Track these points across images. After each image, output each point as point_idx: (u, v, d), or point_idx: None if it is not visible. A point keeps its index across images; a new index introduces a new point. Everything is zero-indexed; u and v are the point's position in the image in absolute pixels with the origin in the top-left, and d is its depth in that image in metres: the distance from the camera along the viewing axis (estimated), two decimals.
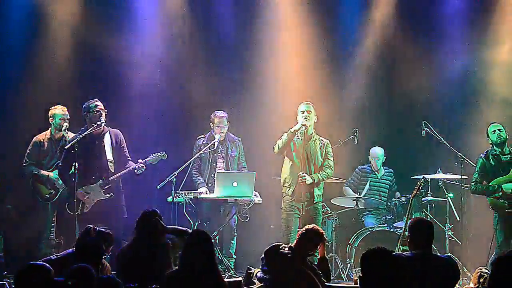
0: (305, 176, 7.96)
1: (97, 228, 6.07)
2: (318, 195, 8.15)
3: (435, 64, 9.62)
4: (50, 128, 8.35)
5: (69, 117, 8.31)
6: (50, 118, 8.32)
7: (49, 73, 9.06)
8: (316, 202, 8.11)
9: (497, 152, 8.05)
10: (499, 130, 8.04)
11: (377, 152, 9.36)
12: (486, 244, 8.07)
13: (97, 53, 9.26)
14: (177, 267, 5.26)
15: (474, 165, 8.24)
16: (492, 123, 8.15)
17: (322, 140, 8.24)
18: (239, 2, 9.75)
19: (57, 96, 8.75)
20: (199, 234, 5.31)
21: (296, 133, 8.07)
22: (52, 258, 6.06)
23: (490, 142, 8.11)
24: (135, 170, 8.01)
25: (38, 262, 4.89)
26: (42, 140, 8.35)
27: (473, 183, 8.12)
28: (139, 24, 9.50)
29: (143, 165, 8.00)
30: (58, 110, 8.31)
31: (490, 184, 8.00)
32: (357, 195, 9.06)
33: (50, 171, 8.29)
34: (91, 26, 9.22)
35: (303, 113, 8.07)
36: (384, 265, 4.31)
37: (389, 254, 4.38)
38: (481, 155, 8.16)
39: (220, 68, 9.73)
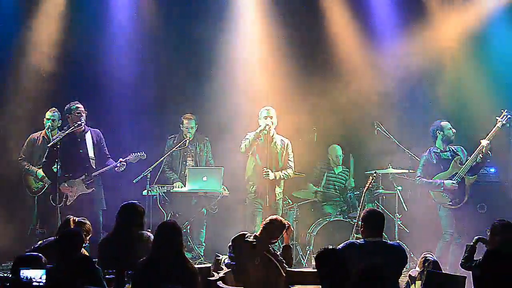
0: (268, 171, 8.38)
1: (76, 219, 6.38)
2: (279, 192, 8.60)
3: (384, 66, 9.81)
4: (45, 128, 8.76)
5: (55, 117, 8.67)
6: (43, 119, 8.75)
7: (31, 76, 9.30)
8: (277, 199, 8.52)
9: (438, 151, 8.43)
10: (451, 128, 8.39)
11: (336, 150, 9.75)
12: (431, 231, 8.49)
13: (77, 56, 9.51)
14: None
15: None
16: (443, 121, 8.43)
17: (283, 140, 8.60)
18: (211, 7, 9.87)
19: (39, 99, 9.08)
20: (168, 225, 5.49)
21: (261, 133, 8.42)
22: (36, 246, 6.38)
23: (435, 140, 8.41)
24: (116, 168, 8.42)
25: (33, 253, 5.27)
26: (36, 138, 8.73)
27: (417, 178, 8.45)
28: (116, 28, 9.70)
29: (124, 163, 8.43)
30: (48, 111, 8.72)
31: (433, 179, 8.34)
32: (316, 188, 9.47)
33: (39, 167, 8.63)
34: (70, 29, 9.45)
35: (266, 118, 8.46)
36: (331, 260, 4.86)
37: (332, 251, 4.99)
38: (424, 153, 8.52)
39: (192, 71, 9.94)
